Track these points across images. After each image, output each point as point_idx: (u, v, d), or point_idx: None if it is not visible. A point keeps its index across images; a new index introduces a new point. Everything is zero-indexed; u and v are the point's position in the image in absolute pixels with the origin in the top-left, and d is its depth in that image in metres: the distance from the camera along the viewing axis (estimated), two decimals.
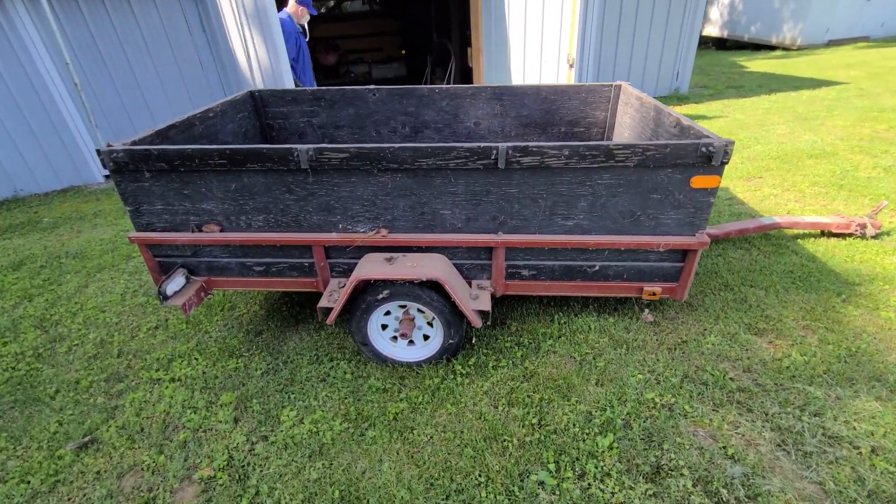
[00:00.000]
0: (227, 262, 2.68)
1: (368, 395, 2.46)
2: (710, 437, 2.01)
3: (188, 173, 2.38)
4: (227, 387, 2.63)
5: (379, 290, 2.41)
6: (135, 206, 2.50)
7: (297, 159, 2.27)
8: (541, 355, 2.56)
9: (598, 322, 2.77)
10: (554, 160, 2.22)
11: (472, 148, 2.20)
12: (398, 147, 2.22)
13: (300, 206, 2.45)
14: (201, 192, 2.43)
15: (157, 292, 2.48)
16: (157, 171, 2.38)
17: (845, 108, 6.86)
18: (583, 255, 2.53)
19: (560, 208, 2.38)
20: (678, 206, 2.35)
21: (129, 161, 2.33)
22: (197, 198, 2.45)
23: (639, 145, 2.17)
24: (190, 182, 2.40)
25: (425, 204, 2.40)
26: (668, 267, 2.53)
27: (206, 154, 2.28)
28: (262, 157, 2.28)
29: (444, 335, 2.52)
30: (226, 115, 3.44)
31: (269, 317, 3.21)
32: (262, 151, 2.26)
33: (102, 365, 2.88)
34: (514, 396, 2.32)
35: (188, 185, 2.42)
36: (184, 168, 2.34)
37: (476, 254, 2.56)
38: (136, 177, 2.40)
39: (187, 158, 2.30)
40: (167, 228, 2.57)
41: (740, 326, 2.62)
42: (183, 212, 2.51)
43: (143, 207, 2.51)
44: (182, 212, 2.51)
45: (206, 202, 2.47)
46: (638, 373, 2.38)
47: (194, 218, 2.53)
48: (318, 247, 2.55)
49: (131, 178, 2.41)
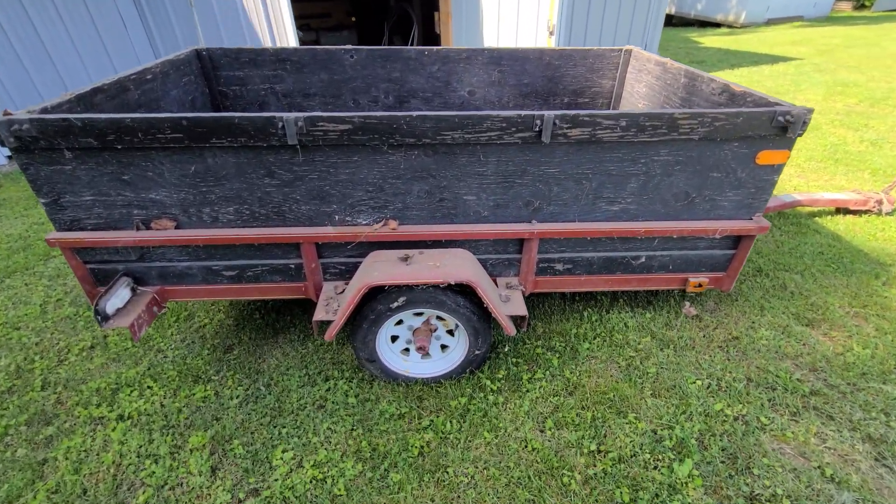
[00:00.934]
0: (187, 266, 2.09)
1: (382, 424, 2.01)
2: (800, 454, 1.76)
3: (128, 152, 1.77)
4: (195, 424, 2.08)
5: (393, 298, 1.94)
6: (52, 197, 1.85)
7: (281, 133, 1.73)
8: (580, 362, 2.21)
9: (634, 318, 2.45)
10: (607, 133, 1.82)
11: (511, 118, 1.76)
12: (417, 116, 1.73)
13: (285, 193, 1.91)
14: (147, 177, 1.83)
15: (94, 312, 1.86)
16: (84, 150, 1.75)
17: (810, 83, 6.98)
18: (626, 245, 2.18)
19: (606, 191, 2.00)
20: (738, 185, 2.03)
21: (39, 136, 1.68)
22: (142, 185, 1.85)
23: (707, 114, 1.81)
24: (131, 164, 1.80)
25: (445, 188, 1.94)
26: (719, 255, 2.24)
27: (153, 126, 1.69)
28: (234, 129, 1.71)
29: (470, 345, 2.10)
30: (168, 78, 2.74)
31: (240, 327, 2.65)
32: (233, 122, 1.70)
33: (21, 402, 2.22)
34: (561, 416, 1.96)
35: (129, 169, 1.81)
36: (122, 145, 1.72)
37: (504, 247, 2.14)
38: (53, 157, 1.76)
39: (126, 132, 1.69)
40: (102, 226, 1.95)
41: (789, 317, 2.40)
42: (123, 203, 1.89)
43: (64, 199, 1.86)
44: (121, 204, 1.89)
45: (154, 191, 1.87)
46: (696, 378, 2.09)
47: (139, 212, 1.92)
48: (308, 244, 2.03)
49: (44, 158, 1.76)
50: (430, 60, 3.29)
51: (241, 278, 2.15)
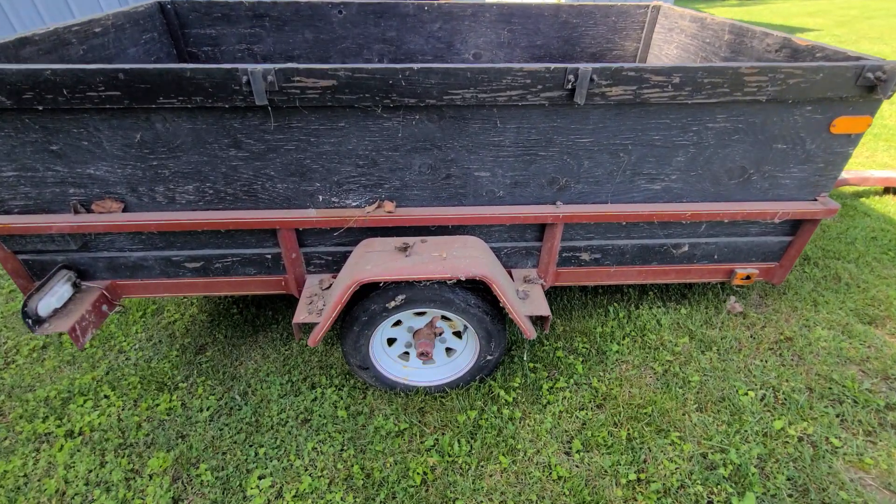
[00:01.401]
0: (142, 257, 1.74)
1: (377, 444, 1.70)
2: (884, 486, 1.46)
3: (54, 115, 1.41)
4: (157, 442, 1.76)
5: (389, 296, 1.60)
6: None
7: (246, 90, 1.36)
8: (609, 367, 1.89)
9: (667, 314, 2.13)
10: (655, 92, 1.46)
11: (537, 71, 1.39)
12: (420, 69, 1.37)
13: (255, 168, 1.55)
14: (82, 147, 1.47)
15: (23, 314, 1.52)
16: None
17: None
18: (667, 231, 1.84)
19: (648, 165, 1.66)
20: (806, 159, 1.69)
21: None
22: (76, 157, 1.49)
23: (781, 68, 1.45)
24: (59, 130, 1.43)
25: (453, 162, 1.59)
26: (773, 242, 1.91)
27: (81, 80, 1.32)
28: (187, 86, 1.35)
29: (481, 350, 1.77)
30: (123, 32, 2.33)
31: (215, 324, 2.31)
32: (183, 76, 1.33)
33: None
34: (590, 435, 1.65)
35: (56, 137, 1.44)
36: (43, 105, 1.36)
37: (521, 233, 1.80)
38: None
39: (48, 88, 1.33)
40: (31, 209, 1.59)
41: (847, 314, 2.08)
42: (55, 181, 1.53)
43: None
44: (53, 181, 1.53)
45: (93, 164, 1.51)
46: (747, 388, 1.77)
47: (76, 191, 1.57)
48: (286, 231, 1.68)
49: None
50: (430, 18, 2.87)
51: (207, 271, 1.80)
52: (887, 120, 4.10)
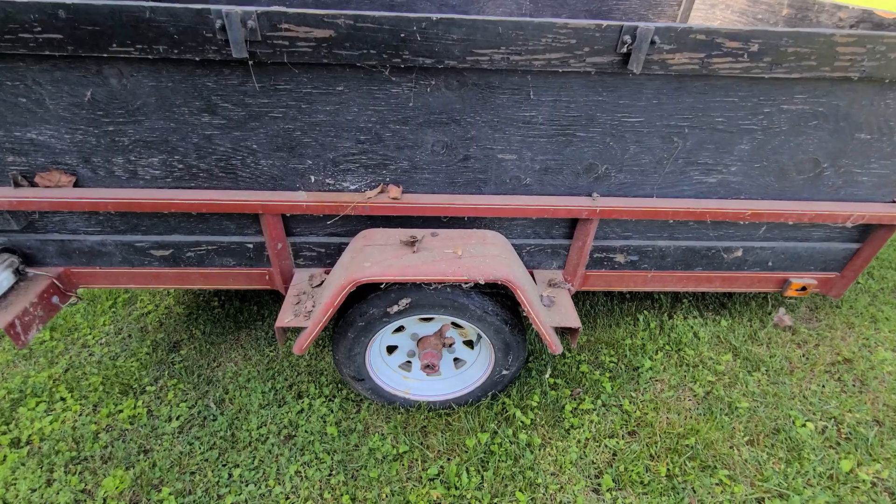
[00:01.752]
0: (99, 241, 1.48)
1: (371, 469, 1.45)
2: None
3: None
4: (115, 457, 1.52)
5: (392, 299, 1.34)
6: None
7: (220, 38, 1.09)
8: (641, 387, 1.64)
9: (705, 326, 1.87)
10: (727, 62, 1.19)
11: (585, 29, 1.12)
12: (440, 20, 1.09)
13: (234, 139, 1.29)
14: (18, 105, 1.21)
15: None
16: None
17: None
18: (719, 232, 1.58)
19: (705, 153, 1.39)
20: (892, 153, 1.43)
21: None
22: (14, 118, 1.23)
23: (884, 38, 1.18)
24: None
25: (473, 141, 1.32)
26: (838, 250, 1.65)
27: (11, 17, 1.07)
28: (145, 30, 1.08)
29: (496, 363, 1.52)
30: None
31: (192, 318, 2.05)
32: (142, 17, 1.06)
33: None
34: (623, 470, 1.40)
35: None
36: None
37: (548, 229, 1.54)
38: None
39: None
40: None
41: None
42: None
43: None
44: None
45: (34, 127, 1.24)
46: (805, 419, 1.53)
47: (15, 159, 1.30)
48: (271, 216, 1.41)
49: None
50: None
51: (177, 260, 1.54)
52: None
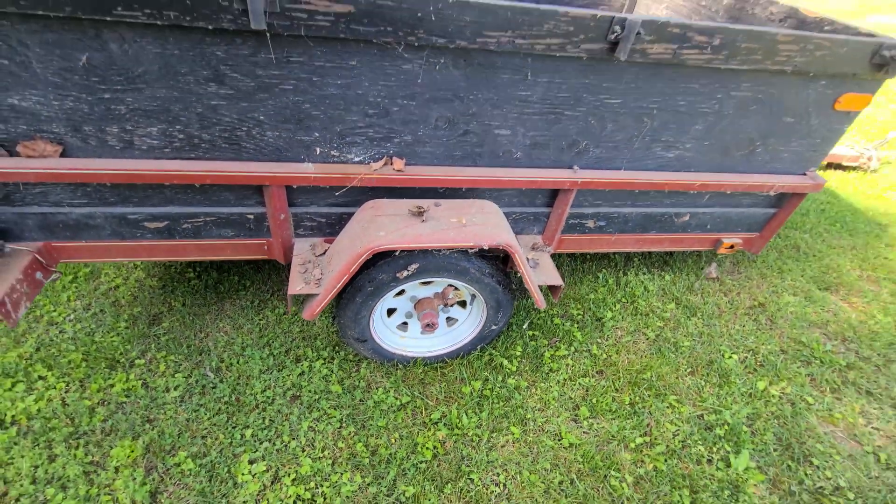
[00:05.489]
0: (87, 213, 1.42)
1: (379, 419, 1.59)
2: (851, 437, 1.63)
3: None
4: (118, 429, 1.53)
5: (402, 265, 1.45)
6: None
7: (238, 7, 1.09)
8: (606, 334, 1.92)
9: (653, 281, 2.18)
10: (695, 53, 1.39)
11: (583, 18, 1.26)
12: (456, 2, 1.16)
13: (241, 110, 1.29)
14: (2, 67, 1.12)
15: None
16: None
17: None
18: (673, 200, 1.84)
19: (668, 132, 1.61)
20: (807, 134, 1.74)
21: None
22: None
23: (812, 38, 1.44)
24: None
25: (474, 117, 1.43)
26: (760, 214, 1.99)
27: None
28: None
29: (487, 319, 1.70)
30: None
31: (168, 290, 2.02)
32: None
33: None
34: (595, 402, 1.67)
35: None
36: None
37: (532, 198, 1.71)
38: None
39: None
40: None
41: (808, 281, 2.26)
42: None
43: None
44: None
45: (17, 91, 1.17)
46: (731, 352, 1.88)
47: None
48: (276, 188, 1.44)
49: None
50: None
51: (172, 232, 1.52)
52: None
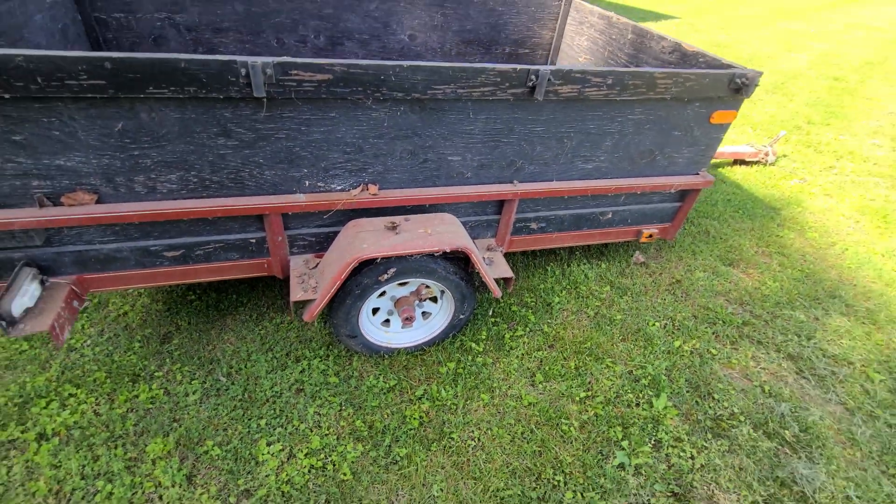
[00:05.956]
0: (115, 248, 1.70)
1: (372, 401, 1.92)
2: (744, 377, 2.08)
3: (21, 104, 1.33)
4: (150, 430, 1.79)
5: (382, 270, 1.80)
6: None
7: (244, 83, 1.42)
8: (554, 315, 2.32)
9: (592, 269, 2.61)
10: (594, 90, 1.82)
11: (507, 72, 1.65)
12: (409, 66, 1.54)
13: (244, 156, 1.61)
14: (52, 137, 1.41)
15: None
16: None
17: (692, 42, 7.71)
18: (596, 202, 2.27)
19: (584, 149, 2.03)
20: (693, 143, 2.20)
21: None
22: (45, 148, 1.42)
23: (681, 74, 1.89)
24: (27, 120, 1.36)
25: (430, 148, 1.80)
26: (668, 208, 2.45)
27: (61, 68, 1.28)
28: (181, 77, 1.37)
29: (455, 310, 2.06)
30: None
31: (173, 312, 2.28)
32: (178, 66, 1.35)
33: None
34: (547, 369, 2.06)
35: (22, 126, 1.37)
36: (11, 93, 1.29)
37: (484, 209, 2.09)
38: None
39: (19, 75, 1.27)
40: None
41: (715, 259, 2.75)
42: (15, 173, 1.45)
43: None
44: (13, 174, 1.45)
45: (63, 155, 1.45)
46: (654, 321, 2.32)
47: (41, 183, 1.49)
48: (275, 216, 1.76)
49: None
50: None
51: (187, 258, 1.82)
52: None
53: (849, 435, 1.87)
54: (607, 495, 1.64)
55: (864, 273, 2.72)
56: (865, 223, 3.20)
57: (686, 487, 1.67)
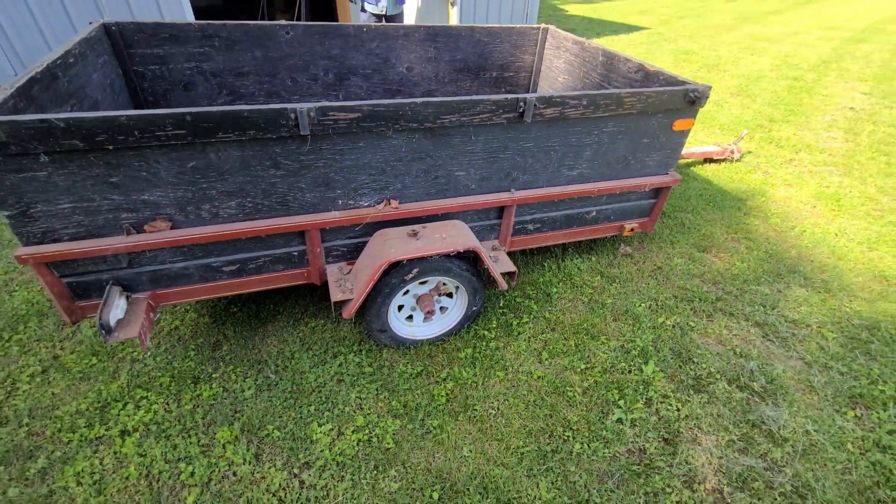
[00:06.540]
0: (183, 266, 2.03)
1: (404, 384, 2.24)
2: (719, 343, 2.43)
3: (121, 153, 1.66)
4: (216, 421, 2.09)
5: (406, 270, 2.14)
6: (20, 208, 1.67)
7: (293, 124, 1.77)
8: (553, 304, 2.66)
9: (584, 262, 2.97)
10: (572, 110, 2.19)
11: (500, 101, 2.03)
12: (422, 102, 1.91)
13: (290, 182, 1.96)
14: (140, 177, 1.74)
15: (99, 326, 1.76)
16: (64, 153, 1.60)
17: (660, 52, 8.26)
18: (582, 203, 2.63)
19: (568, 159, 2.40)
20: (660, 148, 2.58)
21: (10, 140, 1.51)
22: (134, 187, 1.75)
23: (643, 92, 2.28)
24: (122, 165, 1.69)
25: (440, 167, 2.16)
26: (645, 204, 2.82)
27: (153, 123, 1.62)
28: (244, 123, 1.72)
29: (469, 303, 2.40)
30: (86, 59, 2.43)
31: (219, 323, 2.59)
32: (242, 115, 1.70)
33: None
34: (551, 348, 2.39)
35: (118, 171, 1.70)
36: (114, 145, 1.62)
37: (487, 214, 2.44)
38: (24, 164, 1.58)
39: (120, 130, 1.60)
40: (80, 235, 1.80)
41: (691, 247, 3.12)
42: (109, 208, 1.77)
43: (35, 209, 1.69)
44: (108, 208, 1.77)
45: (148, 191, 1.78)
46: (640, 302, 2.67)
47: (129, 215, 1.82)
48: (314, 231, 2.10)
49: (13, 166, 1.58)
50: (368, 37, 3.32)
51: (242, 272, 2.14)
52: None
53: (807, 383, 2.22)
54: (609, 444, 1.97)
55: (820, 250, 3.11)
56: (821, 207, 3.60)
57: (674, 433, 2.00)
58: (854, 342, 2.45)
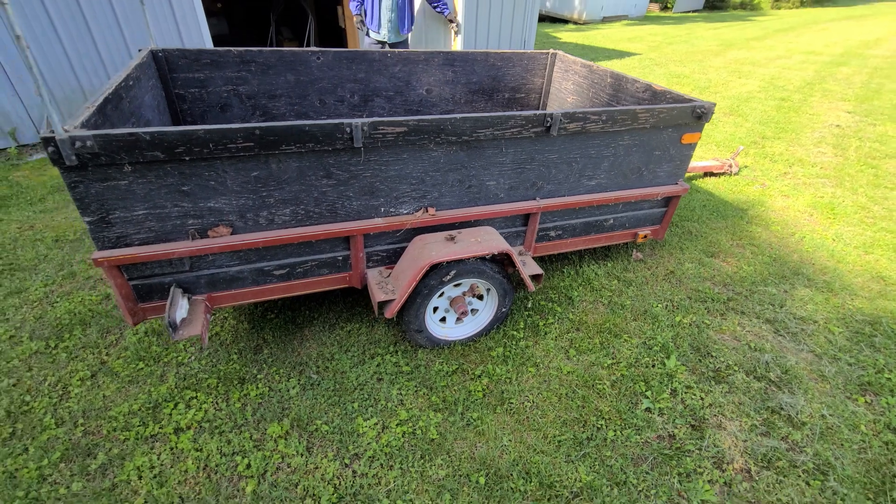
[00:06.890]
0: (239, 270, 2.17)
1: (442, 381, 2.37)
2: (734, 338, 2.59)
3: (194, 163, 1.83)
4: (266, 418, 2.20)
5: (444, 272, 2.29)
6: (101, 214, 1.82)
7: (348, 137, 1.95)
8: (576, 306, 2.82)
9: (601, 268, 3.14)
10: (593, 125, 2.40)
11: (530, 116, 2.23)
12: (461, 118, 2.10)
13: (339, 191, 2.12)
14: (209, 186, 1.90)
15: (168, 325, 1.89)
16: (146, 164, 1.77)
17: (654, 76, 8.67)
18: (600, 211, 2.82)
19: (588, 169, 2.60)
20: (670, 159, 2.79)
21: (101, 152, 1.67)
22: (202, 195, 1.91)
23: (656, 109, 2.50)
24: (194, 175, 1.86)
25: (473, 177, 2.34)
26: (657, 212, 3.02)
27: (226, 136, 1.79)
28: (305, 136, 1.89)
29: (498, 305, 2.55)
30: (140, 82, 2.62)
31: (258, 329, 2.71)
32: (303, 129, 1.88)
33: (39, 443, 2.07)
34: (578, 346, 2.54)
35: (190, 180, 1.86)
36: (190, 156, 1.79)
37: (513, 221, 2.62)
38: (109, 174, 1.74)
39: (199, 143, 1.77)
40: (151, 240, 1.94)
41: (700, 253, 3.31)
42: (178, 215, 1.93)
43: (113, 216, 1.84)
44: (177, 215, 1.93)
45: (214, 199, 1.94)
46: (657, 303, 2.84)
47: (195, 221, 1.97)
48: (358, 236, 2.26)
49: (100, 175, 1.74)
50: (392, 62, 3.56)
51: (290, 276, 2.28)
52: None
53: (819, 373, 2.38)
54: (640, 430, 2.10)
55: (820, 254, 3.32)
56: (817, 216, 3.83)
57: (700, 419, 2.14)
58: (859, 336, 2.63)
